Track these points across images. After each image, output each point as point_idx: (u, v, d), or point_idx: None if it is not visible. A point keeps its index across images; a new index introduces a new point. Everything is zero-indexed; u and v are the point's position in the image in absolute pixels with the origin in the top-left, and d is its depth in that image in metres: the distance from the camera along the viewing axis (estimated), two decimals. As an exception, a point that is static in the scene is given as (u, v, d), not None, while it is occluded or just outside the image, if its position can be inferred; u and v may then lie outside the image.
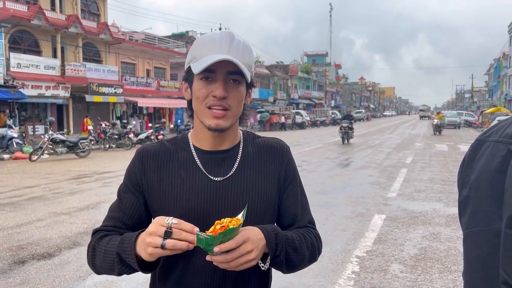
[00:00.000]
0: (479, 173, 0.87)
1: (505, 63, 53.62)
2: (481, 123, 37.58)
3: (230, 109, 1.11)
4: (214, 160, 1.18)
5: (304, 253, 1.16)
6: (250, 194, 1.16)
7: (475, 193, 0.86)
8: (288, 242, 1.11)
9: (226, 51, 1.08)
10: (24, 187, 9.44)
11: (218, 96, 1.08)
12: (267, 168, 1.21)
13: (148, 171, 1.19)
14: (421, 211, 6.95)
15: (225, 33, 1.12)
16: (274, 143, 1.26)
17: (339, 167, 12.53)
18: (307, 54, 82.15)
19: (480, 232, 0.83)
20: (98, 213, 6.88)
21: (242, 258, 0.99)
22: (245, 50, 1.12)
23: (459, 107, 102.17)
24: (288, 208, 1.23)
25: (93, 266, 1.16)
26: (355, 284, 4.00)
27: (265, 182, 1.19)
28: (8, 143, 16.67)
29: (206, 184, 1.15)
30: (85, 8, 27.54)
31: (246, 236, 1.00)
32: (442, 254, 4.85)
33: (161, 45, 34.74)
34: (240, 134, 1.25)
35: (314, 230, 1.25)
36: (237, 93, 1.12)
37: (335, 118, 51.87)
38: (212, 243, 0.94)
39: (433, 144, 21.41)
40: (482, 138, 0.93)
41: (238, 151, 1.21)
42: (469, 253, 0.86)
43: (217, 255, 0.97)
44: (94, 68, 26.01)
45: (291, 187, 1.24)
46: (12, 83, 20.14)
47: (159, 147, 1.23)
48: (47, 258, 4.78)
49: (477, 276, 0.84)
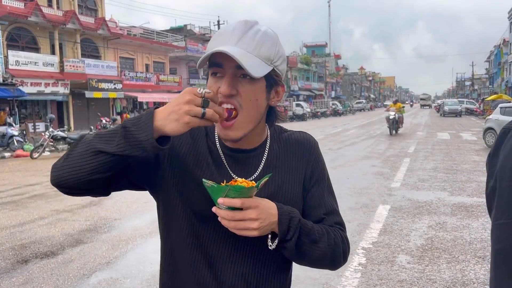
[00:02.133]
0: (503, 162, 0.81)
1: (505, 49, 53.36)
2: (482, 110, 37.42)
3: (240, 110, 0.99)
4: (238, 159, 1.09)
5: (324, 248, 1.06)
6: (278, 196, 1.07)
7: (500, 184, 0.81)
8: (305, 231, 1.02)
9: (235, 43, 0.97)
10: (26, 185, 9.40)
11: (223, 93, 0.98)
12: (293, 167, 1.13)
13: (181, 145, 1.09)
14: (425, 200, 6.90)
15: (242, 23, 1.01)
16: (301, 138, 1.17)
17: (342, 158, 12.47)
18: (306, 45, 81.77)
19: (503, 225, 0.78)
20: (100, 209, 6.84)
21: (243, 223, 0.94)
22: (263, 40, 0.99)
23: (460, 95, 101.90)
24: (313, 209, 1.14)
25: (65, 159, 0.96)
26: (362, 276, 3.95)
27: (291, 182, 1.11)
28: (9, 141, 16.62)
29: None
30: (82, 4, 27.39)
31: (255, 203, 0.95)
32: (449, 243, 4.80)
33: (159, 39, 34.59)
34: (267, 130, 1.14)
35: (342, 231, 1.15)
36: (249, 91, 0.99)
37: (335, 109, 51.79)
38: (217, 193, 0.92)
39: (435, 133, 21.34)
40: (508, 126, 0.88)
41: (264, 150, 1.12)
42: (493, 247, 0.81)
43: (221, 209, 0.93)
44: (93, 64, 25.92)
45: (316, 186, 1.15)
46: (11, 81, 20.07)
47: (196, 129, 1.10)
48: (50, 256, 4.74)
49: (500, 271, 0.78)
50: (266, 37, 1.00)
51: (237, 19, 2.01)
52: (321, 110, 47.28)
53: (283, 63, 1.06)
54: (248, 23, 1.01)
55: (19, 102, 21.98)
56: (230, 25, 1.02)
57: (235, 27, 1.00)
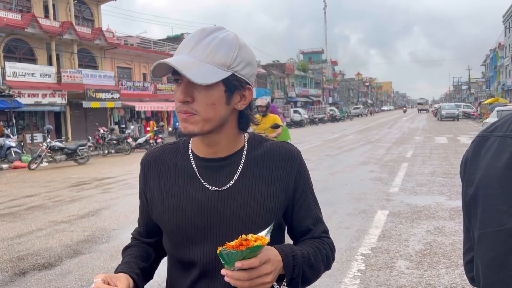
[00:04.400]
0: (486, 170, 0.82)
1: (501, 53, 53.65)
2: (479, 114, 37.55)
3: (198, 114, 1.01)
4: (212, 168, 1.10)
5: (320, 268, 1.11)
6: (252, 205, 1.07)
7: (484, 192, 0.81)
8: (304, 261, 1.05)
9: (188, 52, 1.00)
10: (24, 196, 9.37)
11: (177, 100, 1.02)
12: (273, 177, 1.11)
13: (149, 180, 1.16)
14: (424, 205, 6.90)
15: (199, 31, 1.03)
16: (282, 148, 1.15)
17: (340, 164, 12.47)
18: (303, 52, 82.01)
19: (493, 232, 0.78)
20: (98, 220, 6.82)
21: (259, 279, 0.93)
22: (219, 47, 1.00)
23: (457, 99, 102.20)
24: (302, 220, 1.15)
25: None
26: (361, 282, 3.94)
27: (269, 192, 1.09)
28: (7, 153, 16.60)
29: (203, 194, 1.08)
30: (79, 14, 27.46)
31: (267, 257, 0.95)
32: (447, 248, 4.79)
33: (156, 48, 34.69)
34: (245, 139, 1.15)
35: (328, 239, 1.19)
36: (204, 97, 1.00)
37: (333, 115, 51.87)
38: (235, 258, 0.90)
39: (432, 137, 21.38)
40: (485, 133, 0.88)
41: (240, 158, 1.11)
42: (484, 256, 0.81)
43: (235, 271, 0.91)
44: (90, 74, 25.93)
45: (303, 197, 1.15)
46: (8, 92, 20.06)
47: (160, 153, 1.18)
48: (48, 268, 4.71)
49: (496, 279, 0.78)
50: (223, 43, 1.01)
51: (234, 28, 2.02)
52: (319, 116, 47.37)
53: (246, 67, 1.05)
54: (205, 31, 1.02)
55: (17, 113, 21.96)
56: (192, 34, 1.05)
57: (193, 36, 1.03)
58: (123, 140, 19.93)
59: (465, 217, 0.89)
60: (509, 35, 48.88)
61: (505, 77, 50.50)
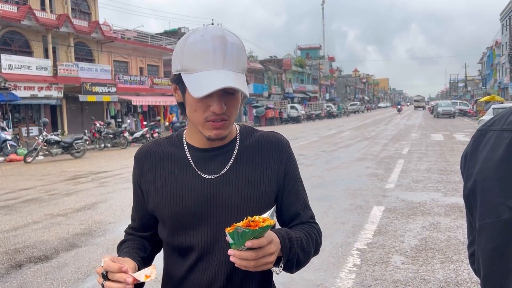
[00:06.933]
0: (484, 163, 0.84)
1: (497, 51, 53.78)
2: (475, 112, 37.70)
3: (229, 118, 1.09)
4: (207, 158, 1.16)
5: (311, 251, 1.16)
6: (246, 190, 1.13)
7: (481, 184, 0.83)
8: (298, 244, 1.10)
9: (221, 65, 1.01)
10: (20, 189, 9.35)
11: (217, 112, 1.05)
12: (265, 164, 1.17)
13: (145, 172, 1.20)
14: (419, 201, 6.93)
15: (217, 41, 1.01)
16: (273, 137, 1.21)
17: (336, 160, 12.50)
18: (300, 47, 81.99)
19: (492, 224, 0.80)
20: (94, 213, 6.82)
21: (264, 259, 0.97)
22: (239, 54, 1.05)
23: (453, 96, 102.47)
24: (290, 205, 1.21)
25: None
26: (356, 277, 3.97)
27: (262, 178, 1.15)
28: (2, 146, 16.53)
29: (197, 182, 1.13)
30: (76, 7, 27.30)
31: (271, 237, 0.99)
32: (442, 244, 4.82)
33: (153, 42, 34.56)
34: (237, 129, 1.21)
35: (316, 224, 1.25)
36: (234, 103, 1.09)
37: (330, 111, 51.92)
38: (246, 237, 0.94)
39: (428, 134, 21.45)
40: (484, 128, 0.90)
41: (234, 147, 1.17)
42: (484, 247, 0.82)
43: (243, 250, 0.95)
44: (87, 67, 25.82)
45: (292, 183, 1.21)
46: (4, 85, 19.94)
47: (154, 146, 1.22)
48: (44, 261, 4.71)
49: (496, 269, 0.80)
50: (240, 50, 1.06)
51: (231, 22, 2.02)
52: (316, 113, 47.41)
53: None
54: (222, 40, 1.02)
55: (12, 106, 21.85)
56: (206, 42, 1.01)
57: (214, 47, 1.01)
58: (120, 134, 19.90)
59: (467, 211, 0.91)
60: (506, 33, 49.01)
61: (502, 75, 50.66)
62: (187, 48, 1.03)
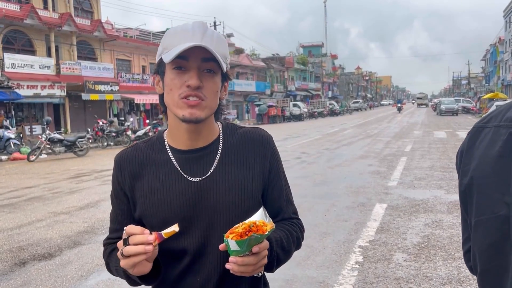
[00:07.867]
0: (480, 159, 0.84)
1: (501, 48, 53.56)
2: (478, 109, 37.57)
3: (205, 99, 1.05)
4: (191, 160, 1.13)
5: (291, 249, 1.17)
6: (233, 191, 1.12)
7: (478, 181, 0.83)
8: (277, 244, 1.10)
9: (200, 39, 1.03)
10: (23, 187, 9.39)
11: (192, 86, 1.03)
12: (250, 161, 1.16)
13: (128, 178, 1.16)
14: (422, 199, 6.93)
15: (198, 23, 1.07)
16: (256, 134, 1.20)
17: (339, 157, 12.50)
18: (302, 45, 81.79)
19: (489, 220, 0.81)
20: (98, 211, 6.85)
21: (261, 262, 0.99)
22: (219, 40, 1.07)
23: (457, 93, 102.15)
24: (274, 200, 1.20)
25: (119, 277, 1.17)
26: (359, 274, 3.98)
27: (248, 177, 1.14)
28: (6, 144, 16.59)
29: (184, 186, 1.11)
30: (78, 6, 27.31)
31: (265, 242, 1.00)
32: (445, 241, 4.82)
33: (156, 40, 34.52)
34: (219, 128, 1.19)
35: (298, 220, 1.25)
36: (212, 84, 1.07)
37: (332, 109, 51.84)
38: (253, 244, 0.94)
39: (431, 131, 21.40)
40: (480, 124, 0.90)
41: (217, 147, 1.15)
42: (482, 243, 0.83)
43: (246, 256, 0.95)
44: (89, 66, 25.86)
45: (276, 179, 1.20)
46: (7, 83, 20.01)
47: (134, 151, 1.19)
48: (48, 258, 4.74)
49: (494, 264, 0.81)
50: (220, 38, 1.09)
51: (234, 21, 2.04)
52: (318, 110, 47.35)
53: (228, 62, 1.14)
54: (203, 24, 1.07)
55: (16, 105, 21.92)
56: (187, 25, 1.08)
57: (194, 26, 1.06)
58: (122, 133, 19.93)
59: (462, 207, 0.91)
60: (509, 30, 48.79)
61: (505, 72, 50.47)
62: (169, 31, 1.09)
